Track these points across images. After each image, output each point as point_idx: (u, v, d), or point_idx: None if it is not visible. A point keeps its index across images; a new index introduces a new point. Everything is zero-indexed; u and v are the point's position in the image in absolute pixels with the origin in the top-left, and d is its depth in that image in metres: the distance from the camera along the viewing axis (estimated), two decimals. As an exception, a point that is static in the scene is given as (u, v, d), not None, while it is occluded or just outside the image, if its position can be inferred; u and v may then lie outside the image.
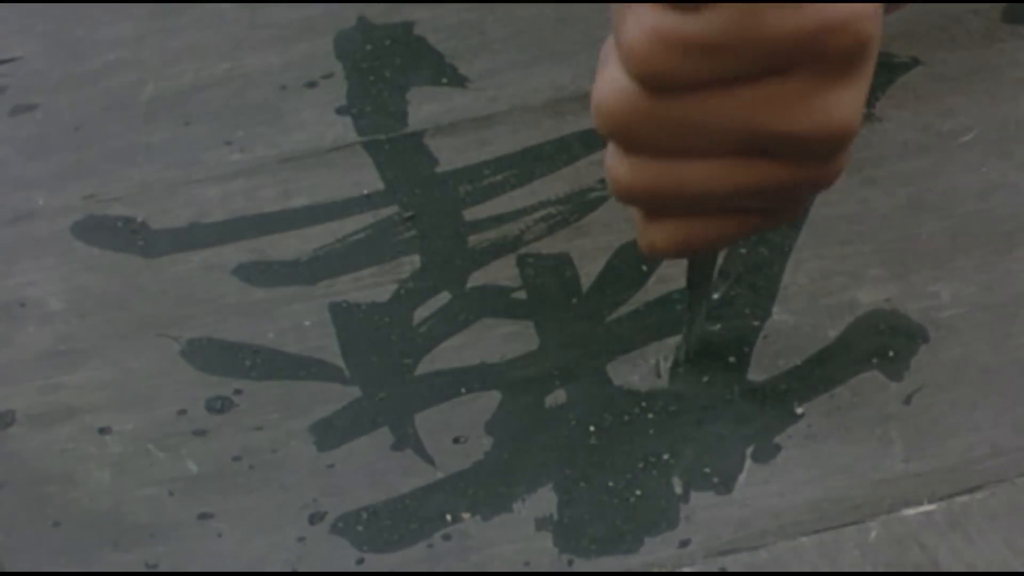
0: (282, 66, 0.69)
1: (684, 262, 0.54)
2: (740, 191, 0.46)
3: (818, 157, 0.46)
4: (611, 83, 0.45)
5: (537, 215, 0.62)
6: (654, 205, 0.47)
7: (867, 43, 0.43)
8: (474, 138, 0.65)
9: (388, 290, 0.59)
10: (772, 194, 0.46)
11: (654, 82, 0.43)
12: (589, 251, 0.60)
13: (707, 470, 0.53)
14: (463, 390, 0.56)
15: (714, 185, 0.45)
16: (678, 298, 0.58)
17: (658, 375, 0.56)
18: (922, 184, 0.62)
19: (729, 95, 0.43)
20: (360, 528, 0.52)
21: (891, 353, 0.56)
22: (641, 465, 0.53)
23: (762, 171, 0.45)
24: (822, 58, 0.43)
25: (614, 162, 0.46)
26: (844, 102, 0.44)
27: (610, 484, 0.53)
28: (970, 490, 0.51)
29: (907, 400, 0.54)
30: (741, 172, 0.45)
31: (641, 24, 0.43)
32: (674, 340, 0.57)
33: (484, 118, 0.65)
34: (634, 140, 0.45)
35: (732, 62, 0.42)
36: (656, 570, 0.50)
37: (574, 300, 0.58)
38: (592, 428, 0.54)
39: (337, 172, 0.64)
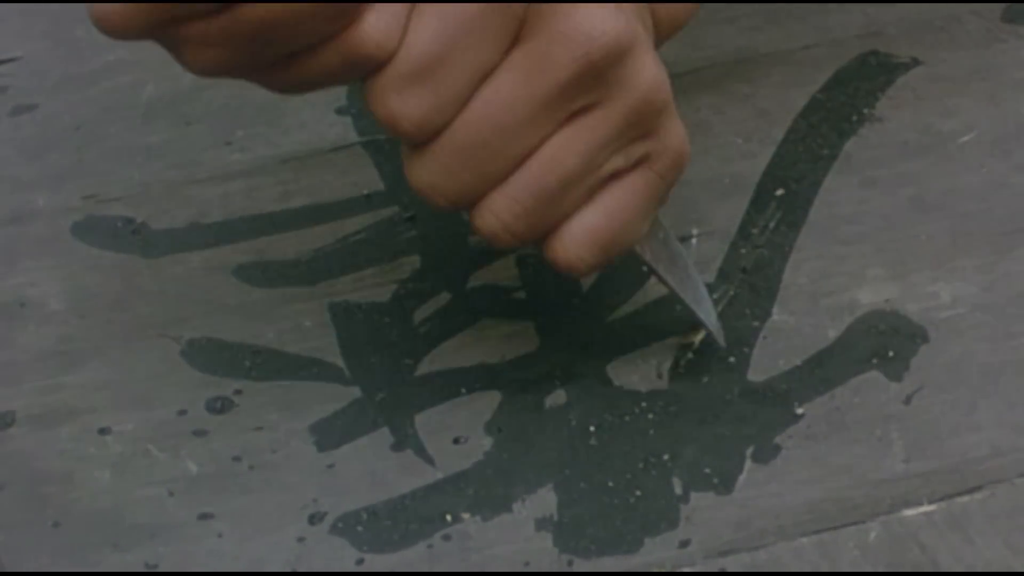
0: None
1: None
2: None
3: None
4: None
5: (537, 215, 0.61)
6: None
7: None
8: (474, 138, 0.65)
9: (388, 290, 0.59)
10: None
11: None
12: (589, 251, 0.60)
13: (707, 470, 0.53)
14: (463, 390, 0.56)
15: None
16: (678, 298, 0.58)
17: (658, 375, 0.56)
18: (922, 184, 0.62)
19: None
20: (360, 528, 0.52)
21: (891, 353, 0.56)
22: (641, 465, 0.53)
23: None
24: None
25: None
26: None
27: (610, 484, 0.53)
28: (970, 490, 0.51)
29: (907, 400, 0.54)
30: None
31: None
32: (674, 340, 0.57)
33: (484, 118, 0.65)
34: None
35: None
36: (656, 570, 0.50)
37: (574, 300, 0.58)
38: (592, 428, 0.54)
39: (337, 172, 0.64)
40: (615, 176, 0.50)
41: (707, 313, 0.55)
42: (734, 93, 0.66)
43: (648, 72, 0.48)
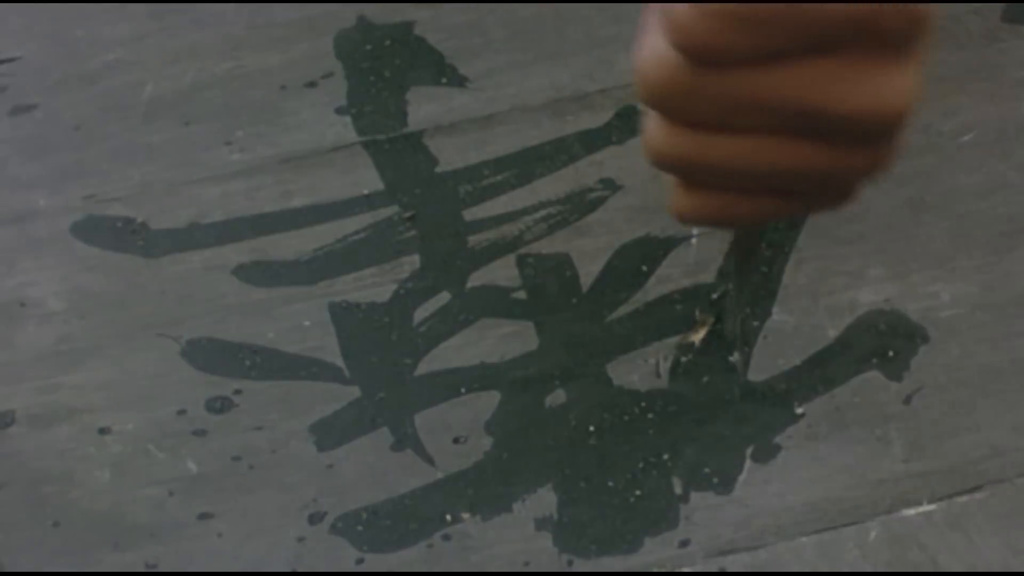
0: (282, 66, 0.69)
1: (689, 267, 0.54)
2: (780, 171, 0.44)
3: (866, 141, 0.43)
4: (653, 52, 0.42)
5: (537, 215, 0.62)
6: (689, 175, 0.45)
7: (922, 22, 0.41)
8: (474, 138, 0.65)
9: (388, 290, 0.59)
10: (815, 178, 0.44)
11: (698, 55, 0.41)
12: (589, 251, 0.60)
13: (707, 470, 0.53)
14: (463, 390, 0.56)
15: (753, 163, 0.43)
16: (678, 298, 0.58)
17: (658, 375, 0.56)
18: (922, 184, 0.62)
19: (775, 71, 0.41)
20: (360, 528, 0.52)
21: (891, 353, 0.56)
22: (641, 465, 0.53)
23: (805, 152, 0.43)
24: (875, 36, 0.40)
25: (652, 129, 0.43)
26: (896, 83, 0.41)
27: (610, 484, 0.53)
28: (970, 490, 0.51)
29: (907, 400, 0.54)
30: (782, 152, 0.43)
31: None
32: (674, 340, 0.57)
33: (484, 118, 0.65)
34: (674, 111, 0.43)
35: (781, 37, 0.40)
36: (656, 570, 0.50)
37: (574, 300, 0.58)
38: (592, 428, 0.54)
39: (337, 172, 0.64)
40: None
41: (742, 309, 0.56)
42: (734, 93, 0.66)
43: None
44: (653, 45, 0.42)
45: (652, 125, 0.43)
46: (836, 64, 0.41)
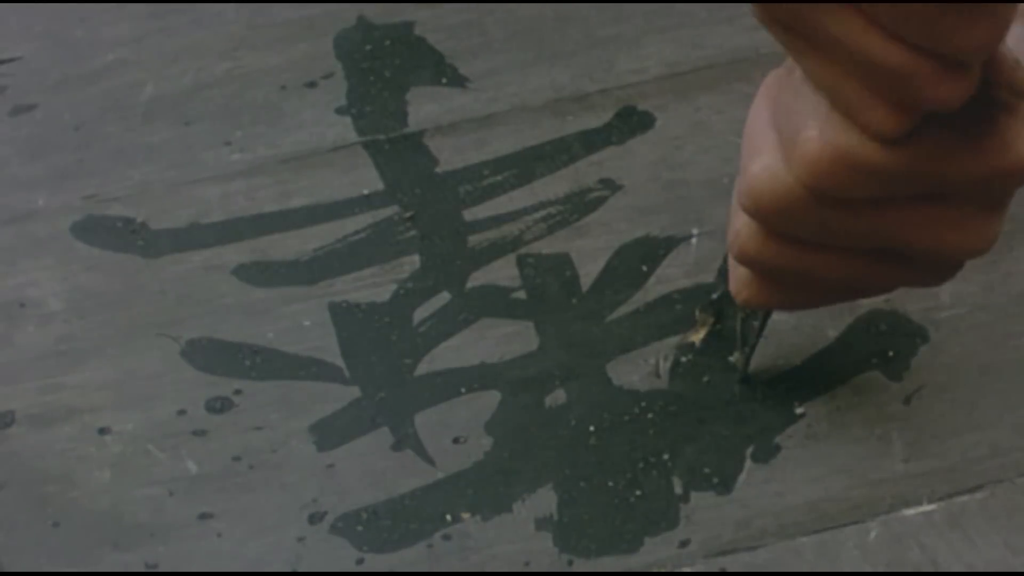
0: (282, 66, 0.69)
1: (689, 267, 0.54)
2: (860, 283, 0.48)
3: (944, 269, 0.47)
4: (770, 173, 0.44)
5: (537, 215, 0.62)
6: (771, 276, 0.48)
7: None
8: (474, 138, 0.65)
9: (388, 290, 0.59)
10: (889, 288, 0.49)
11: (820, 192, 0.43)
12: (589, 251, 0.60)
13: (707, 470, 0.53)
14: (463, 390, 0.56)
15: (838, 275, 0.46)
16: (678, 298, 0.58)
17: (658, 375, 0.56)
18: (922, 184, 0.62)
19: (886, 211, 0.44)
20: (360, 528, 0.52)
21: (891, 353, 0.56)
22: (641, 465, 0.53)
23: (888, 272, 0.47)
24: (986, 194, 0.44)
25: (746, 232, 0.46)
26: (989, 228, 0.45)
27: (610, 484, 0.53)
28: (970, 490, 0.51)
29: (907, 400, 0.54)
30: (868, 269, 0.46)
31: (827, 139, 0.42)
32: (674, 340, 0.57)
33: (484, 118, 0.65)
34: (777, 226, 0.45)
35: (903, 188, 0.43)
36: (656, 570, 0.50)
37: (574, 300, 0.58)
38: (592, 428, 0.54)
39: (337, 172, 0.64)
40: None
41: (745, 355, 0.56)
42: (734, 93, 0.66)
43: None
44: (769, 166, 0.44)
45: (746, 229, 0.46)
46: (943, 211, 0.44)
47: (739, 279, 0.49)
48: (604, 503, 0.52)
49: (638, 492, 0.52)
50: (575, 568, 0.50)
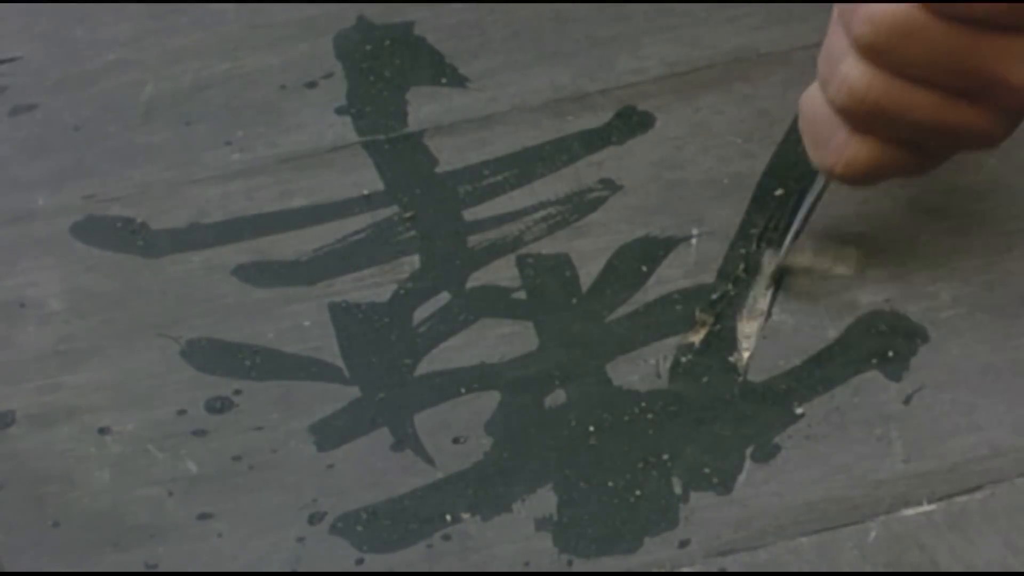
0: (282, 66, 0.69)
1: (689, 267, 0.54)
2: (945, 128, 0.53)
3: (1014, 112, 0.54)
4: (890, 5, 0.51)
5: (537, 215, 0.62)
6: (869, 119, 0.53)
7: None
8: (474, 138, 0.65)
9: (388, 290, 0.59)
10: (961, 138, 0.54)
11: (945, 11, 0.50)
12: (589, 251, 0.60)
13: (707, 470, 0.53)
14: (463, 390, 0.56)
15: (930, 116, 0.53)
16: (678, 299, 0.58)
17: (658, 375, 0.56)
18: (922, 184, 0.62)
19: (981, 39, 0.51)
20: (360, 528, 0.52)
21: (891, 353, 0.56)
22: (641, 465, 0.53)
23: (969, 114, 0.53)
24: None
25: (856, 70, 0.52)
26: None
27: (610, 484, 0.53)
28: (970, 490, 0.51)
29: (907, 400, 0.54)
30: (953, 111, 0.53)
31: None
32: (674, 340, 0.57)
33: (484, 118, 0.65)
34: (890, 56, 0.52)
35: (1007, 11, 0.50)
36: (656, 570, 0.50)
37: (574, 300, 0.58)
38: (592, 428, 0.54)
39: (337, 172, 0.64)
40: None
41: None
42: (734, 93, 0.66)
43: None
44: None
45: (856, 67, 0.52)
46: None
47: (836, 148, 0.55)
48: (604, 503, 0.52)
49: (638, 492, 0.52)
50: (575, 568, 0.50)
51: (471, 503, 0.52)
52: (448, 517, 0.52)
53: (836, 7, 0.53)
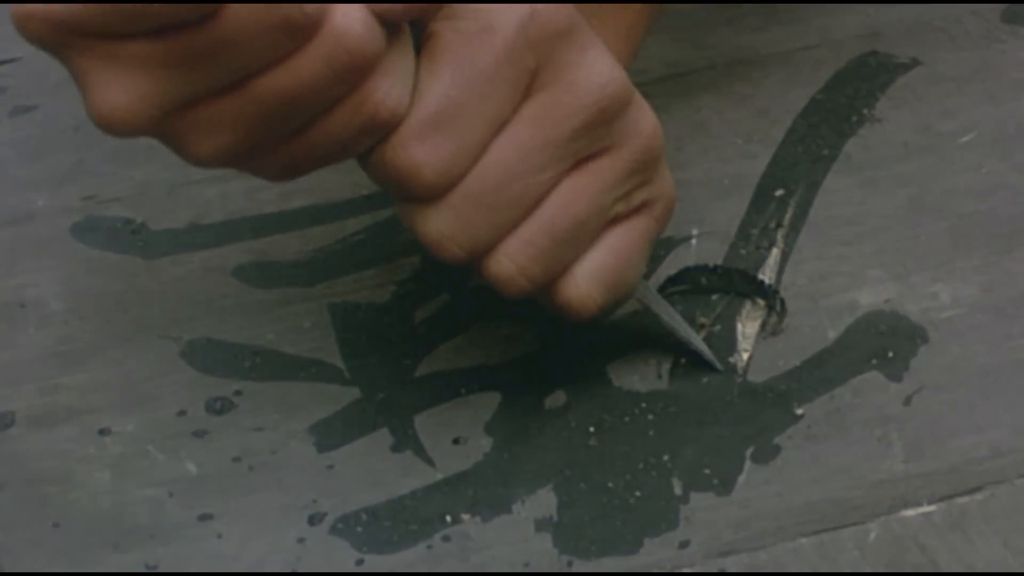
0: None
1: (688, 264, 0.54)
2: None
3: None
4: None
5: (537, 216, 0.61)
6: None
7: None
8: (474, 138, 0.65)
9: (388, 290, 0.59)
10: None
11: None
12: (589, 252, 0.60)
13: (707, 471, 0.53)
14: (463, 391, 0.56)
15: None
16: (678, 299, 0.58)
17: (658, 375, 0.56)
18: (922, 184, 0.62)
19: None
20: (360, 529, 0.52)
21: (891, 354, 0.56)
22: (641, 466, 0.53)
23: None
24: None
25: None
26: None
27: (610, 485, 0.53)
28: (970, 491, 0.51)
29: (907, 401, 0.54)
30: None
31: None
32: (674, 341, 0.57)
33: (484, 118, 0.65)
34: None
35: None
36: (656, 571, 0.50)
37: (574, 301, 0.58)
38: (592, 429, 0.54)
39: (337, 173, 0.64)
40: (617, 221, 0.51)
41: (699, 343, 0.56)
42: (734, 93, 0.66)
43: (649, 120, 0.51)
44: None
45: None
46: None
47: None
48: (604, 504, 0.52)
49: (638, 493, 0.52)
50: (575, 569, 0.50)
51: (471, 504, 0.52)
52: (448, 518, 0.52)
53: None
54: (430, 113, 0.47)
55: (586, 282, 0.51)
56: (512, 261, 0.49)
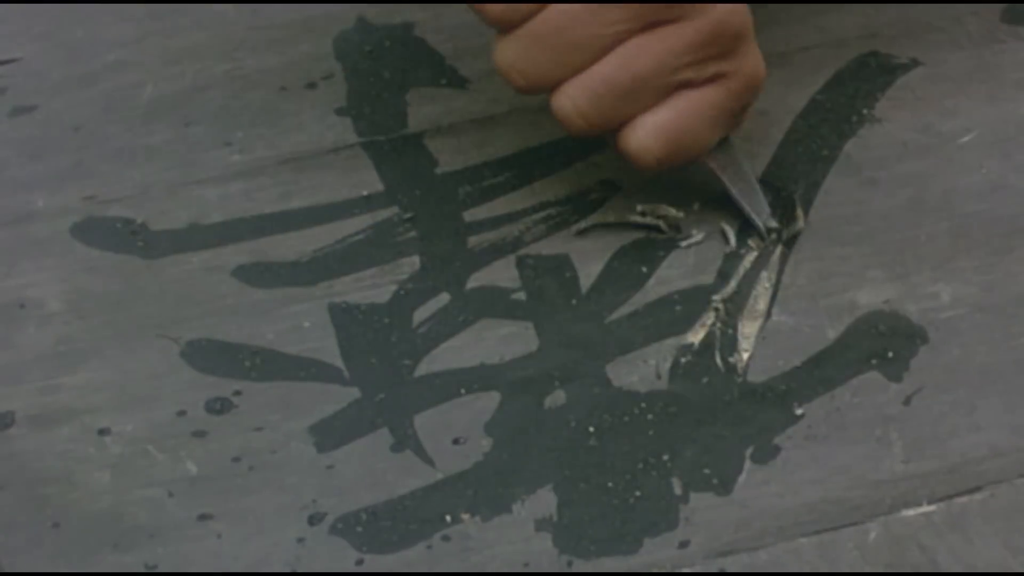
0: (282, 67, 0.69)
1: (688, 268, 0.54)
2: None
3: None
4: None
5: (537, 216, 0.62)
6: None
7: None
8: (474, 139, 0.65)
9: (388, 291, 0.59)
10: None
11: None
12: (589, 252, 0.60)
13: (707, 471, 0.53)
14: (463, 391, 0.56)
15: None
16: (678, 299, 0.58)
17: (658, 376, 0.56)
18: (922, 184, 0.62)
19: None
20: (359, 529, 0.52)
21: (890, 354, 0.56)
22: (641, 466, 0.53)
23: None
24: None
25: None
26: None
27: (610, 485, 0.53)
28: (969, 491, 0.51)
29: (906, 401, 0.54)
30: None
31: None
32: (674, 341, 0.57)
33: (484, 119, 0.65)
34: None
35: None
36: (655, 571, 0.50)
37: (574, 301, 0.58)
38: (592, 429, 0.54)
39: (337, 173, 0.64)
40: (687, 85, 0.56)
41: (764, 218, 0.59)
42: (734, 94, 0.66)
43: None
44: None
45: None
46: None
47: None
48: (604, 504, 0.52)
49: (638, 493, 0.52)
50: (574, 569, 0.50)
51: (471, 504, 0.52)
52: (448, 518, 0.52)
53: None
54: None
55: (646, 132, 0.56)
56: (571, 100, 0.55)
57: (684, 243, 0.60)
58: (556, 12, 0.54)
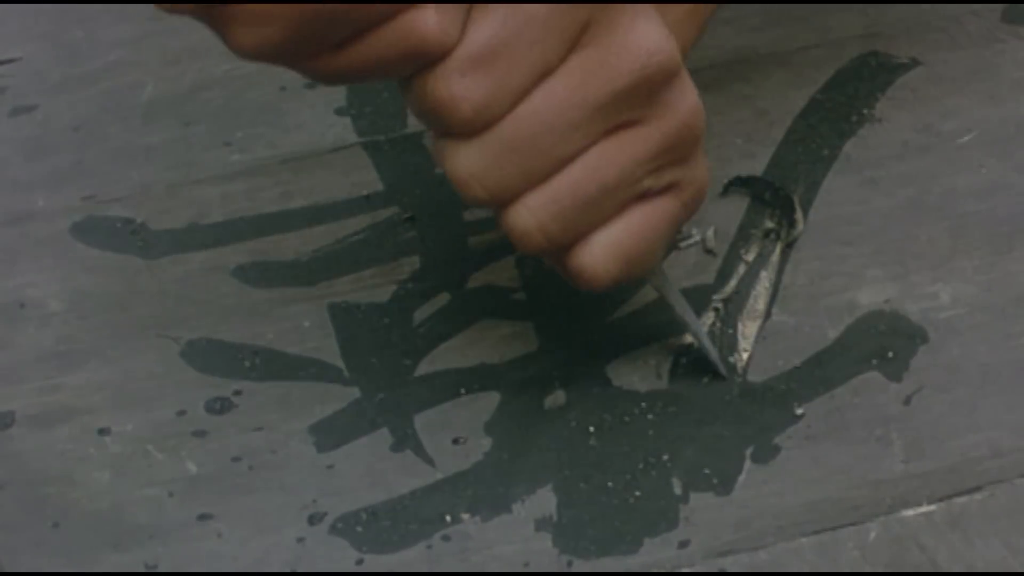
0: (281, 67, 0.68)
1: (688, 267, 0.54)
2: None
3: None
4: None
5: (537, 216, 0.61)
6: None
7: None
8: (474, 139, 0.65)
9: (388, 291, 0.59)
10: None
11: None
12: (589, 252, 0.60)
13: (706, 471, 0.53)
14: (462, 391, 0.56)
15: None
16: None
17: (658, 376, 0.56)
18: (922, 184, 0.62)
19: None
20: (359, 529, 0.52)
21: (890, 354, 0.56)
22: (641, 466, 0.53)
23: None
24: None
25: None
26: None
27: (610, 485, 0.53)
28: (969, 491, 0.51)
29: (906, 401, 0.54)
30: None
31: None
32: (674, 341, 0.57)
33: (484, 119, 0.65)
34: None
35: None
36: (655, 571, 0.50)
37: (574, 300, 0.58)
38: (592, 429, 0.54)
39: (337, 173, 0.64)
40: (644, 197, 0.51)
41: (707, 343, 0.56)
42: (734, 93, 0.66)
43: (691, 98, 0.50)
44: None
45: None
46: None
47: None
48: (604, 504, 0.52)
49: (638, 493, 0.52)
50: (574, 569, 0.50)
51: (471, 504, 0.52)
52: (448, 518, 0.52)
53: None
54: (476, 49, 0.46)
55: (602, 251, 0.50)
56: (533, 215, 0.49)
57: (684, 243, 0.60)
58: (529, 115, 0.48)
